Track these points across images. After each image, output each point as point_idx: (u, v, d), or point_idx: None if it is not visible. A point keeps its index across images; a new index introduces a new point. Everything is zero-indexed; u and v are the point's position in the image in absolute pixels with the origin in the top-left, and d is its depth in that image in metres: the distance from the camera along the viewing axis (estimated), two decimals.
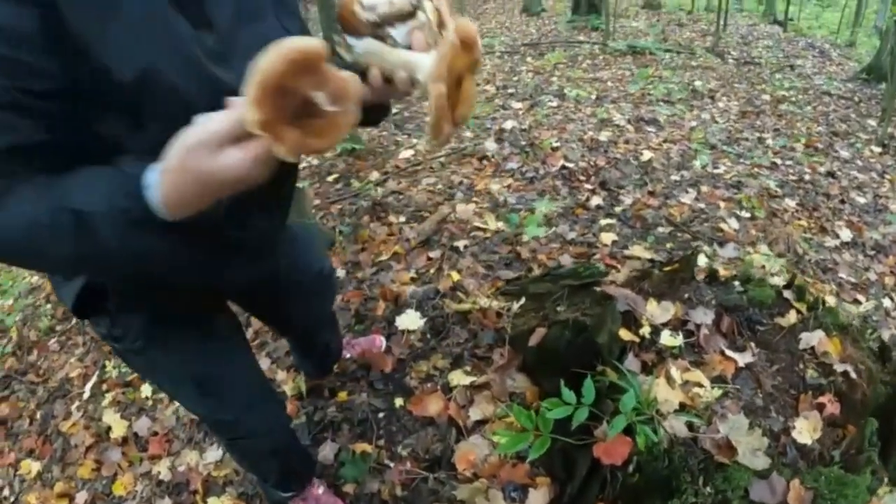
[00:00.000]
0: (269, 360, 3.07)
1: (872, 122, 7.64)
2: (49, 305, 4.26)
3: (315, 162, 5.43)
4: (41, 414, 3.42)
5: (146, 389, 3.19)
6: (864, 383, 2.45)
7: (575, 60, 9.04)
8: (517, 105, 6.46)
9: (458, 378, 2.64)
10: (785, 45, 12.83)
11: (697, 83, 7.99)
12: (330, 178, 5.03)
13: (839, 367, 2.42)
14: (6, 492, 3.02)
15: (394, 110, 6.68)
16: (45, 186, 0.89)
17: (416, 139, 5.73)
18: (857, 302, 3.66)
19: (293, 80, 0.82)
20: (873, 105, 8.46)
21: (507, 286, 3.11)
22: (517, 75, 8.07)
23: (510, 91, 7.12)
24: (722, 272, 2.68)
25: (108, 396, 3.26)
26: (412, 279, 3.43)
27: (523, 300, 2.83)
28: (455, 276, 3.32)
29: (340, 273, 3.63)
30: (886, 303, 3.80)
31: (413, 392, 2.68)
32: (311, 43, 0.83)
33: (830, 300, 3.46)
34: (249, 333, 3.38)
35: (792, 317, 2.58)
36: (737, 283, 2.63)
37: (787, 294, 2.72)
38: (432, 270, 3.48)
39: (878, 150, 6.68)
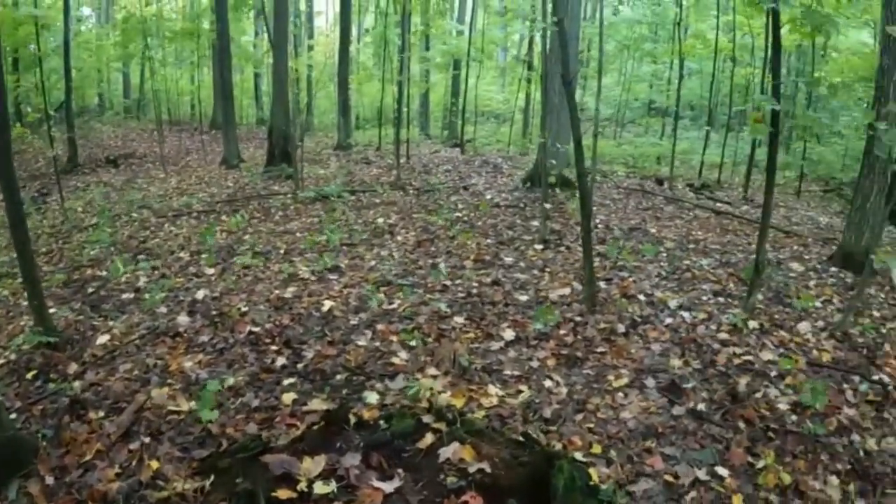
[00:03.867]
0: None
1: (536, 223, 8.90)
2: None
3: (13, 357, 5.34)
4: None
5: None
6: (502, 472, 3.10)
7: (268, 213, 9.66)
8: (210, 271, 6.83)
9: None
10: (462, 166, 14.50)
11: (379, 220, 8.95)
12: (29, 375, 4.98)
13: (475, 467, 3.06)
14: None
15: (89, 290, 6.72)
16: None
17: (112, 321, 5.84)
18: (519, 392, 4.32)
19: None
20: (536, 207, 9.66)
21: (200, 465, 3.44)
22: (212, 237, 8.44)
23: (203, 255, 7.47)
24: (366, 415, 3.27)
25: None
26: (117, 475, 3.58)
27: (213, 477, 3.19)
28: (155, 464, 3.55)
29: (50, 481, 3.69)
30: (548, 383, 4.49)
31: None
32: None
33: (493, 399, 4.20)
34: None
35: (429, 438, 3.21)
36: (382, 422, 3.23)
37: (426, 419, 3.36)
38: (134, 462, 3.68)
39: (540, 247, 7.90)
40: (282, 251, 7.59)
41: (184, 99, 27.80)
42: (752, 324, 5.47)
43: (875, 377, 4.77)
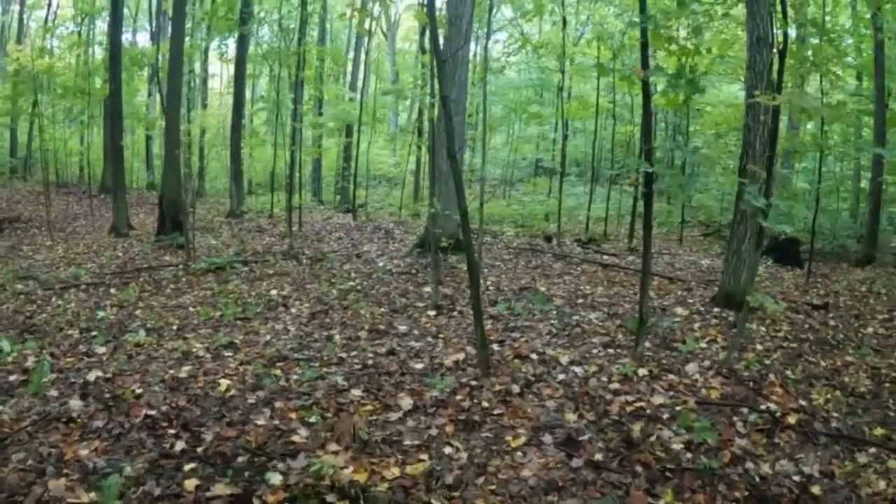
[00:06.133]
0: None
1: (428, 289, 9.04)
2: None
3: None
4: None
5: None
6: None
7: (160, 286, 9.45)
8: (100, 350, 6.58)
9: None
10: (355, 233, 14.57)
11: (273, 292, 8.90)
12: None
13: None
14: None
15: None
16: None
17: (0, 406, 5.57)
18: (420, 461, 4.33)
19: None
20: (429, 273, 9.77)
21: None
22: (102, 311, 8.19)
23: (93, 333, 7.23)
24: (271, 499, 3.31)
25: None
26: None
27: None
28: None
29: None
30: (448, 450, 4.51)
31: None
32: None
33: (395, 471, 4.23)
34: None
35: None
36: None
37: (330, 498, 3.42)
38: None
39: (433, 313, 8.04)
40: (175, 327, 7.44)
41: (72, 160, 26.41)
42: (642, 371, 5.78)
43: (763, 407, 5.14)
